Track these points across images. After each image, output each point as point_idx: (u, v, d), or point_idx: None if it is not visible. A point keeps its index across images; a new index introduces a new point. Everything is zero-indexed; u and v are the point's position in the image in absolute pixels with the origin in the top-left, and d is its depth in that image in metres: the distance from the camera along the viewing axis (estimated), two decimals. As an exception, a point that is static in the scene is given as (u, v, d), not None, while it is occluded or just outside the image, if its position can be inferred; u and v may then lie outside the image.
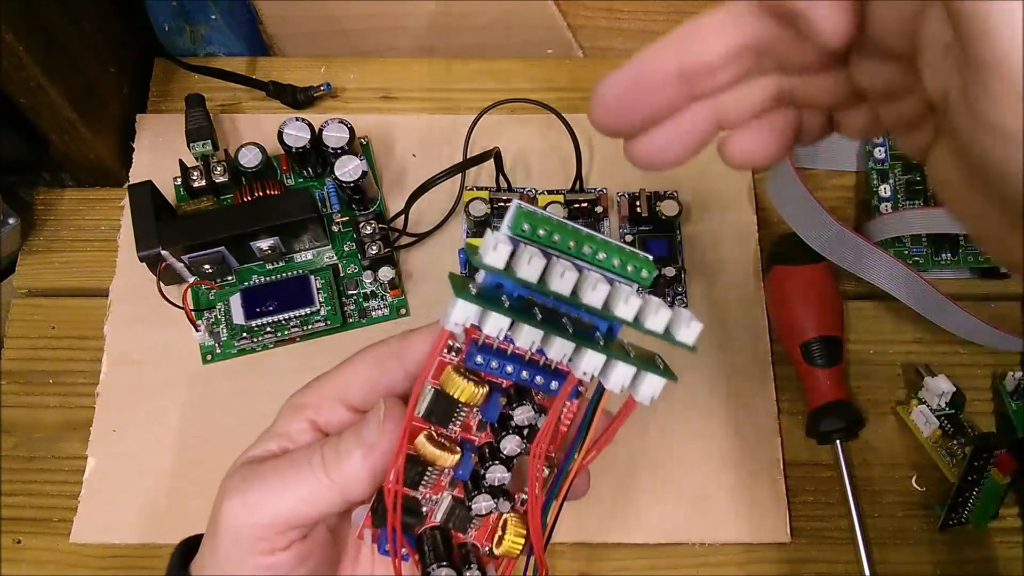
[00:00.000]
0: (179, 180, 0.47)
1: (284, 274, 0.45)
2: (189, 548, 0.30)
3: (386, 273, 0.44)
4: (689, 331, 0.25)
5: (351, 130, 0.44)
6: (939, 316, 0.44)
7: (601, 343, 0.25)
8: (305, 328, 0.44)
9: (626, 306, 0.24)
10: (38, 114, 0.44)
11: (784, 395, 0.45)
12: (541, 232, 0.24)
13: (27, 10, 0.40)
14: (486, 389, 0.26)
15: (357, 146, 0.46)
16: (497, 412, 0.27)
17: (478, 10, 0.52)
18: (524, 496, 0.28)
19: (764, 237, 0.47)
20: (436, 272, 0.46)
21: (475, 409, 0.27)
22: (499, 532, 0.27)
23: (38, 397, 0.45)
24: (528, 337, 0.24)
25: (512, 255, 0.24)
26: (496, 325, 0.24)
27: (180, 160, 0.46)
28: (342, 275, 0.46)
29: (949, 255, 0.47)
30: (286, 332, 0.44)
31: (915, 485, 0.44)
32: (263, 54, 0.54)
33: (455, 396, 0.26)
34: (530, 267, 0.23)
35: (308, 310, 0.44)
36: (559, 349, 0.25)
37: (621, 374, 0.25)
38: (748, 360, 0.44)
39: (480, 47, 0.54)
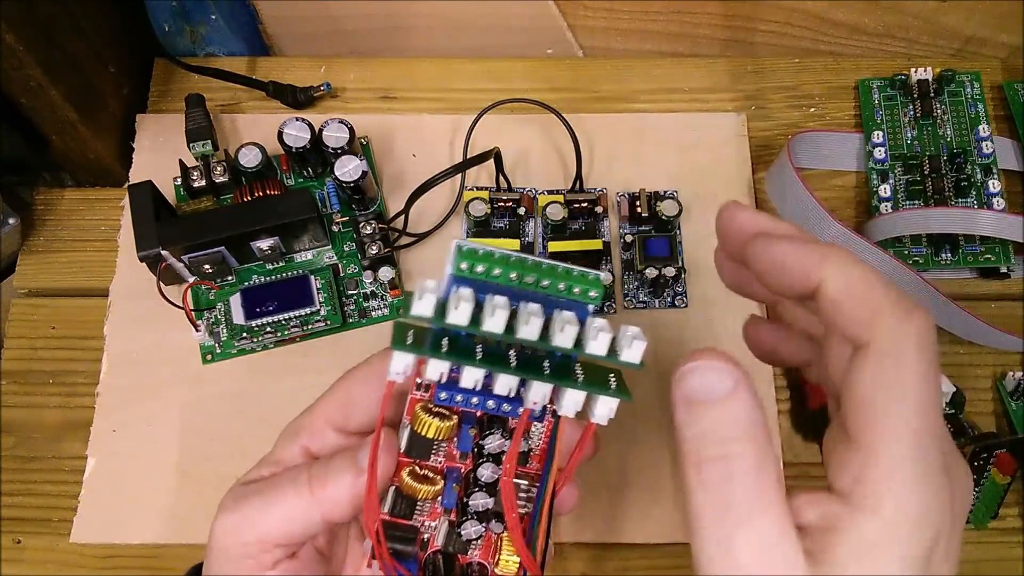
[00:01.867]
0: (179, 180, 0.47)
1: (284, 274, 0.45)
2: (198, 572, 0.30)
3: (386, 273, 0.44)
4: (632, 351, 0.25)
5: (351, 130, 0.44)
6: (939, 316, 0.44)
7: (547, 371, 0.25)
8: (305, 328, 0.44)
9: (562, 335, 0.24)
10: (38, 114, 0.44)
11: (784, 395, 0.45)
12: (480, 269, 0.25)
13: (27, 10, 0.40)
14: (454, 422, 0.27)
15: (357, 146, 0.46)
16: (470, 442, 0.27)
17: (478, 10, 0.52)
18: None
19: (764, 237, 0.47)
20: (436, 272, 0.46)
21: (453, 449, 0.27)
22: (497, 553, 0.28)
23: (38, 397, 0.45)
24: (471, 377, 0.25)
25: (444, 301, 0.25)
26: (436, 370, 0.25)
27: (180, 160, 0.46)
28: (342, 275, 0.46)
29: (949, 255, 0.47)
30: (286, 332, 0.44)
31: (915, 485, 0.44)
32: (263, 54, 0.54)
33: (425, 434, 0.26)
34: (458, 312, 0.24)
35: (308, 310, 0.44)
36: (504, 384, 0.26)
37: (572, 399, 0.26)
38: (748, 360, 0.44)
39: (480, 47, 0.54)
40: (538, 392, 0.26)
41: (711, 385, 0.23)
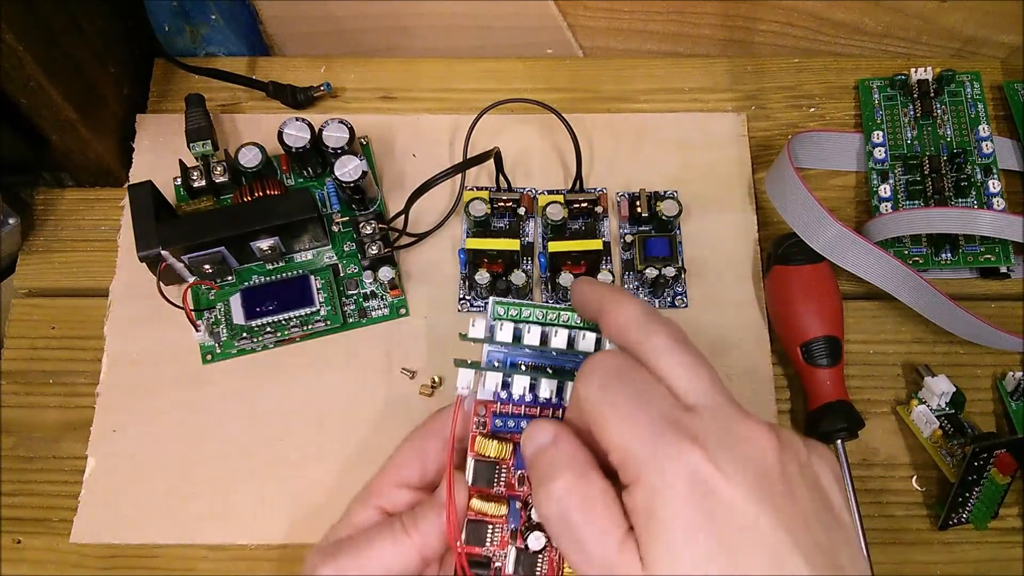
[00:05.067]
0: (179, 180, 0.47)
1: (284, 274, 0.45)
2: None
3: (386, 273, 0.44)
4: None
5: (351, 130, 0.44)
6: (939, 316, 0.44)
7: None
8: (305, 328, 0.44)
9: (584, 341, 0.32)
10: (38, 114, 0.44)
11: (784, 395, 0.45)
12: (513, 312, 0.34)
13: (27, 10, 0.40)
14: (510, 445, 0.33)
15: (357, 146, 0.46)
16: (524, 461, 0.32)
17: (478, 10, 0.52)
18: None
19: (764, 237, 0.47)
20: (436, 272, 0.46)
21: (511, 466, 0.33)
22: (560, 569, 0.32)
23: (38, 397, 0.45)
24: (520, 384, 0.33)
25: (491, 329, 0.33)
26: (493, 380, 0.33)
27: (180, 160, 0.46)
28: (342, 275, 0.46)
29: (949, 255, 0.47)
30: (286, 332, 0.44)
31: (915, 485, 0.44)
32: (263, 54, 0.54)
33: (488, 455, 0.32)
34: (503, 332, 0.33)
35: (308, 310, 0.44)
36: (546, 387, 0.33)
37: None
38: (748, 360, 0.44)
39: (480, 47, 0.54)
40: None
41: (538, 439, 0.29)
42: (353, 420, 0.43)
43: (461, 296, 0.46)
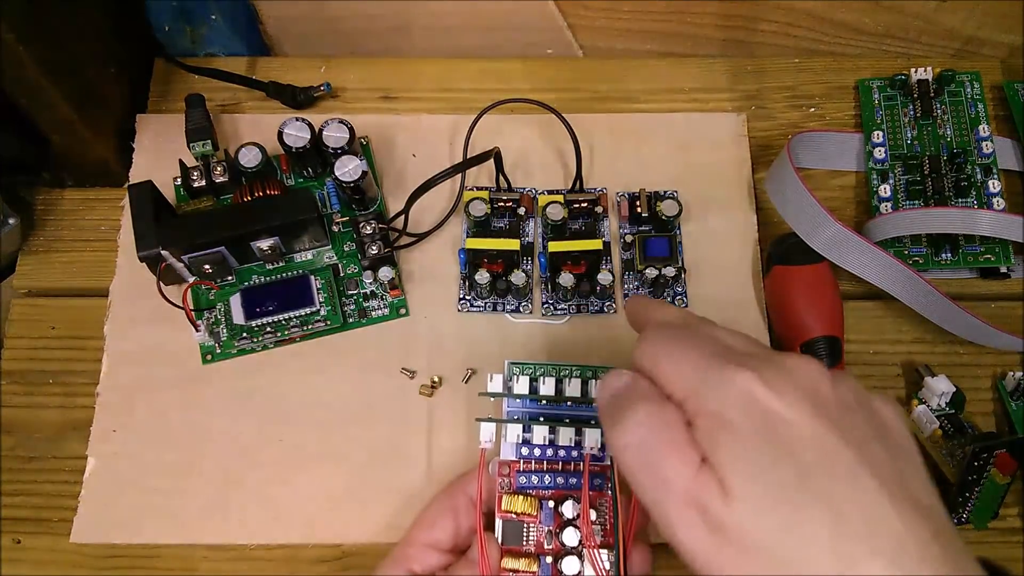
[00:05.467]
0: (179, 180, 0.47)
1: (284, 274, 0.45)
2: None
3: (386, 273, 0.44)
4: None
5: (351, 130, 0.44)
6: (939, 316, 0.44)
7: (594, 424, 0.35)
8: (305, 328, 0.44)
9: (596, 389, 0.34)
10: (38, 114, 0.44)
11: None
12: (528, 371, 0.37)
13: (27, 10, 0.40)
14: (538, 501, 0.35)
15: (357, 146, 0.46)
16: (552, 515, 0.35)
17: (478, 10, 0.52)
18: None
19: (764, 237, 0.47)
20: (436, 272, 0.46)
21: (539, 523, 0.35)
22: None
23: (38, 397, 0.45)
24: (539, 433, 0.35)
25: (507, 383, 0.36)
26: (514, 432, 0.35)
27: (180, 160, 0.46)
28: (342, 275, 0.46)
29: (949, 255, 0.47)
30: (286, 332, 0.44)
31: (915, 485, 0.44)
32: (263, 54, 0.54)
33: (517, 511, 0.35)
34: (519, 385, 0.36)
35: (308, 310, 0.44)
36: (564, 436, 0.35)
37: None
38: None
39: (480, 47, 0.54)
40: (593, 437, 0.35)
41: (613, 383, 0.30)
42: (353, 420, 0.43)
43: (461, 296, 0.46)
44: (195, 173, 0.45)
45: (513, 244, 0.44)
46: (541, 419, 0.36)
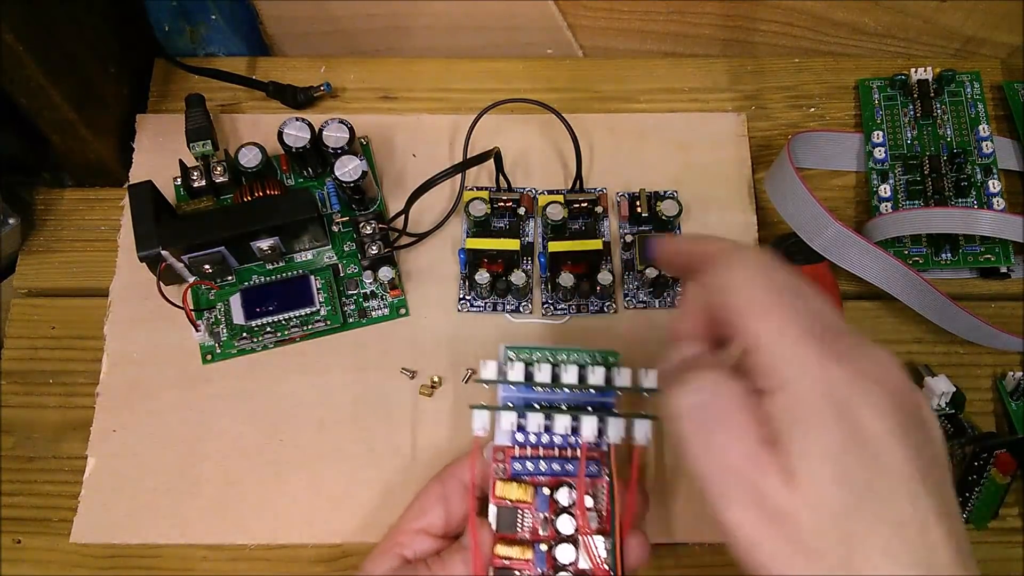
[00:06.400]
0: (179, 180, 0.47)
1: (284, 274, 0.45)
2: None
3: (386, 273, 0.44)
4: (649, 378, 0.35)
5: (351, 130, 0.44)
6: (939, 316, 0.44)
7: (590, 412, 0.35)
8: (305, 328, 0.44)
9: (595, 376, 0.34)
10: (38, 114, 0.44)
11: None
12: (524, 356, 0.35)
13: (27, 10, 0.40)
14: (533, 488, 0.34)
15: (357, 146, 0.46)
16: (547, 502, 0.35)
17: (478, 10, 0.52)
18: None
19: (764, 237, 0.47)
20: (436, 272, 0.46)
21: (534, 510, 0.34)
22: None
23: (38, 397, 0.45)
24: (534, 421, 0.34)
25: (501, 368, 0.35)
26: (508, 419, 0.34)
27: (180, 160, 0.46)
28: (342, 275, 0.46)
29: (949, 255, 0.47)
30: (286, 332, 0.44)
31: (915, 485, 0.44)
32: (263, 54, 0.54)
33: (511, 498, 0.34)
34: (514, 371, 0.35)
35: (308, 310, 0.44)
36: (561, 424, 0.34)
37: (616, 427, 0.35)
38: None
39: (480, 47, 0.54)
40: (590, 426, 0.34)
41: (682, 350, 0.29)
42: (353, 420, 0.43)
43: (461, 296, 0.46)
44: (195, 173, 0.45)
45: (513, 244, 0.44)
46: (537, 406, 0.35)
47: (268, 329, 0.44)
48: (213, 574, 0.42)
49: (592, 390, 0.35)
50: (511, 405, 0.35)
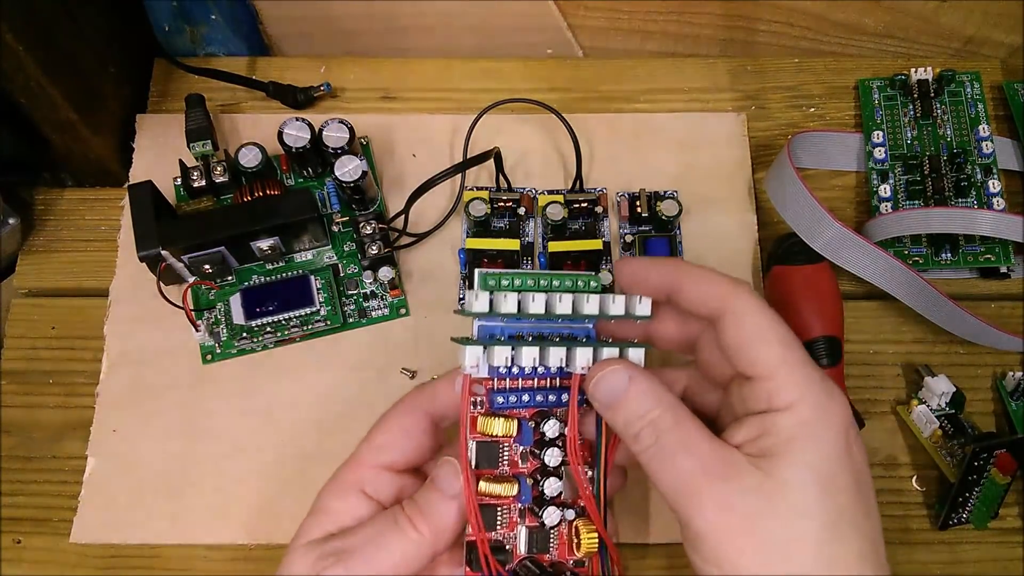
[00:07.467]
0: (179, 180, 0.47)
1: (284, 274, 0.45)
2: None
3: (386, 273, 0.44)
4: (642, 306, 0.32)
5: (351, 130, 0.44)
6: (939, 316, 0.44)
7: (584, 342, 0.32)
8: (305, 328, 0.44)
9: (588, 304, 0.32)
10: (38, 114, 0.44)
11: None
12: (504, 282, 0.31)
13: (27, 10, 0.40)
14: (516, 422, 0.32)
15: (357, 146, 0.46)
16: (530, 435, 0.32)
17: (478, 10, 0.52)
18: (581, 504, 0.33)
19: (764, 237, 0.47)
20: (436, 272, 0.46)
21: (514, 444, 0.32)
22: (575, 539, 0.32)
23: (38, 397, 0.45)
24: (528, 356, 0.31)
25: (491, 303, 0.31)
26: (502, 355, 0.31)
27: (180, 160, 0.46)
28: (342, 275, 0.46)
29: (949, 255, 0.47)
30: (286, 332, 0.44)
31: (915, 485, 0.44)
32: (263, 54, 0.54)
33: (493, 434, 0.31)
34: (507, 302, 0.31)
35: (308, 310, 0.44)
36: (555, 356, 0.31)
37: (610, 356, 0.32)
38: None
39: (480, 47, 0.54)
40: (583, 356, 0.31)
41: (614, 386, 0.30)
42: (353, 420, 0.43)
43: (461, 296, 0.46)
44: (195, 173, 0.45)
45: (513, 244, 0.44)
46: (529, 338, 0.32)
47: (268, 329, 0.44)
48: (213, 574, 0.42)
49: (586, 318, 0.32)
50: (501, 338, 0.31)
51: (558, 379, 0.33)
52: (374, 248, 0.44)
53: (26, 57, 0.40)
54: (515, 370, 0.32)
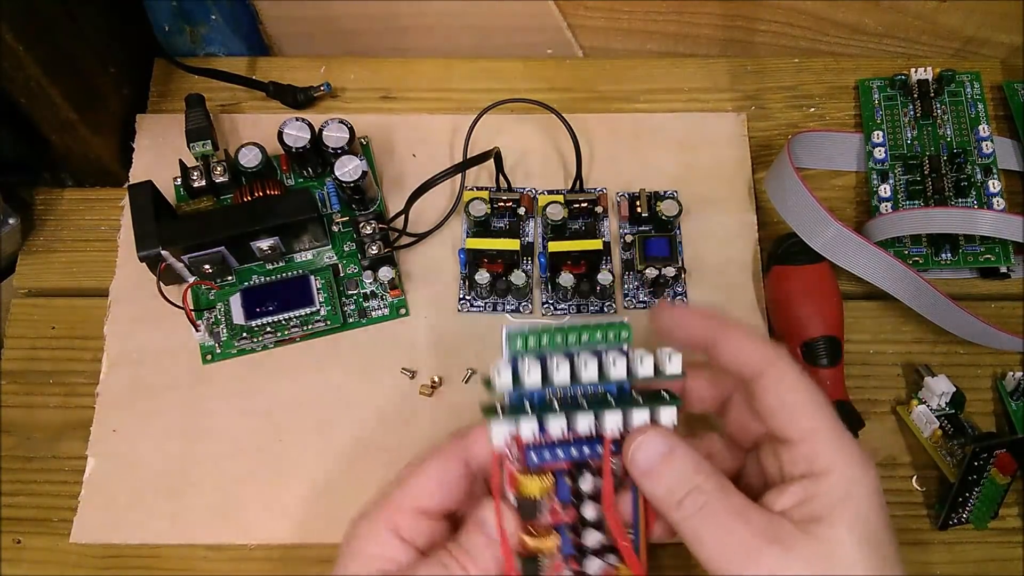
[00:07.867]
0: (179, 180, 0.47)
1: (284, 274, 0.45)
2: None
3: (386, 273, 0.44)
4: (672, 364, 0.32)
5: (351, 130, 0.44)
6: (939, 316, 0.44)
7: (614, 403, 0.32)
8: (305, 328, 0.44)
9: (615, 369, 0.31)
10: (38, 114, 0.44)
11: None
12: (532, 343, 0.31)
13: (27, 10, 0.40)
14: (552, 478, 0.32)
15: (357, 146, 0.46)
16: (567, 490, 0.32)
17: (478, 10, 0.52)
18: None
19: (764, 237, 0.47)
20: (436, 272, 0.46)
21: (552, 495, 0.32)
22: None
23: (38, 397, 0.45)
24: (556, 425, 0.31)
25: (516, 372, 0.31)
26: (529, 428, 0.31)
27: (180, 160, 0.46)
28: (342, 275, 0.46)
29: (949, 255, 0.47)
30: (286, 332, 0.44)
31: (915, 485, 0.44)
32: (263, 54, 0.54)
33: (530, 494, 0.31)
34: (531, 375, 0.31)
35: (308, 310, 0.44)
36: (584, 423, 0.31)
37: (640, 418, 0.32)
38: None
39: (480, 47, 0.54)
40: (613, 421, 0.31)
41: (652, 453, 0.31)
42: (353, 420, 0.43)
43: (461, 296, 0.46)
44: (195, 173, 0.45)
45: (513, 244, 0.44)
46: (555, 403, 0.31)
47: (268, 329, 0.44)
48: (213, 574, 0.42)
49: (612, 384, 0.32)
50: (527, 408, 0.31)
51: (600, 445, 0.33)
52: (374, 248, 0.44)
53: (26, 57, 0.40)
54: (536, 455, 0.32)
